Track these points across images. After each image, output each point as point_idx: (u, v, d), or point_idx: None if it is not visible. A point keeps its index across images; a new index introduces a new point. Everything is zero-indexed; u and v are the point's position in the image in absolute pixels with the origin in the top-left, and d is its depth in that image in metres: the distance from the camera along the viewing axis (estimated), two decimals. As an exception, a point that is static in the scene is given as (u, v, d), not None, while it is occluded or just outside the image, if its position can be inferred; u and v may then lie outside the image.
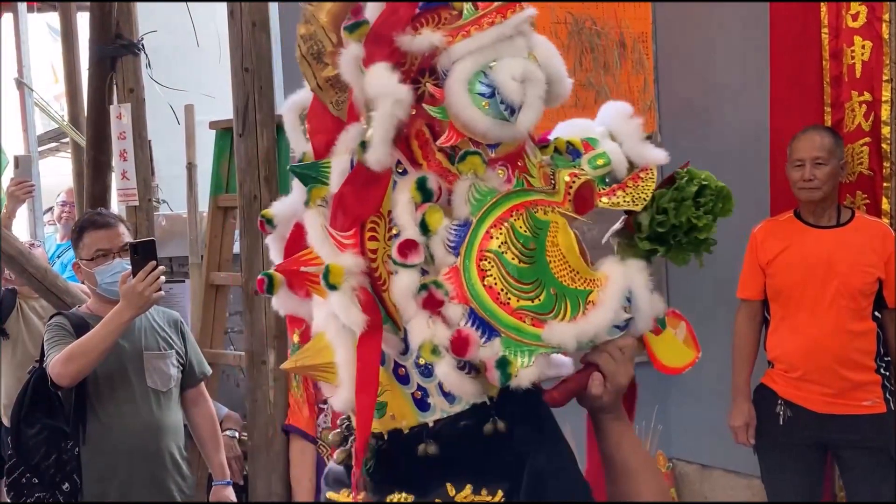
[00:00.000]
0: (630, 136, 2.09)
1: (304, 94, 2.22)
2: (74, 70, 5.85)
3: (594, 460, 2.05)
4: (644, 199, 2.01)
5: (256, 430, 3.43)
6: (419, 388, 1.93)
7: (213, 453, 3.66)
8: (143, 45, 4.62)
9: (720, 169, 3.13)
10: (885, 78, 3.79)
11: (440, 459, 1.92)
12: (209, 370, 3.76)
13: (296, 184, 2.15)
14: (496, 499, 1.89)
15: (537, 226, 1.89)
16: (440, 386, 1.90)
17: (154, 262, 3.21)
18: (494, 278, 1.83)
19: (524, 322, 1.83)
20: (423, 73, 1.84)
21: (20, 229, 6.33)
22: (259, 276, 2.13)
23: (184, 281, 5.06)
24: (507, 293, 1.84)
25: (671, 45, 4.75)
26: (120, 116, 4.58)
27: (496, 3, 1.86)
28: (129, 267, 3.32)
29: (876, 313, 3.58)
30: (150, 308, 3.32)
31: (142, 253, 3.21)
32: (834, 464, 3.74)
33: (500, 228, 1.85)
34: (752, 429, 3.73)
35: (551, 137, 2.15)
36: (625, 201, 2.01)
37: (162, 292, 3.26)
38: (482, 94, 1.81)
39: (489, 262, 1.83)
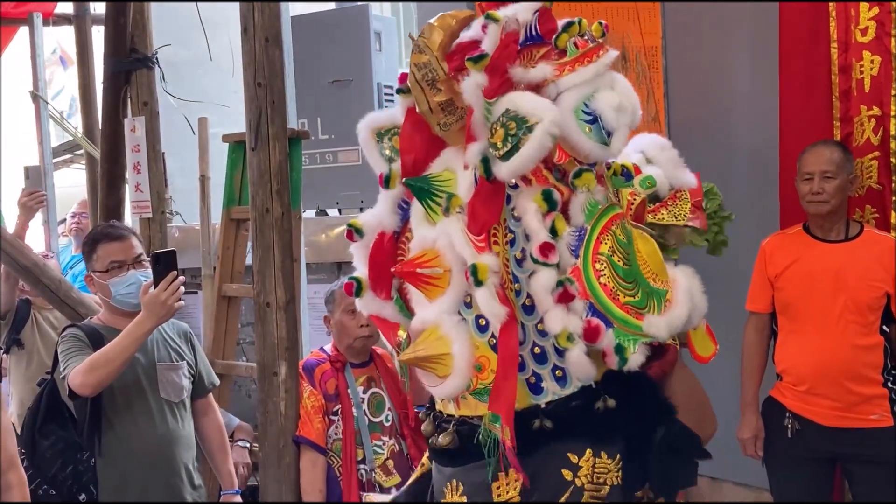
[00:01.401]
0: (668, 163, 2.55)
1: (380, 115, 2.50)
2: (89, 83, 5.92)
3: None
4: (684, 216, 2.47)
5: (267, 442, 3.45)
6: (534, 373, 2.25)
7: (221, 463, 3.69)
8: (157, 59, 4.68)
9: (730, 182, 3.18)
10: (893, 92, 3.78)
11: (553, 434, 2.22)
12: (217, 380, 3.80)
13: (380, 197, 2.43)
14: (614, 462, 2.24)
15: (628, 235, 2.23)
16: (553, 372, 2.24)
17: (175, 273, 3.24)
18: (607, 277, 2.17)
19: (630, 315, 2.16)
20: None
21: (35, 241, 6.39)
22: (347, 280, 2.43)
23: (196, 292, 5.11)
24: (616, 290, 2.17)
25: (681, 60, 4.76)
26: (134, 129, 4.63)
27: (592, 45, 2.23)
28: (143, 279, 3.38)
29: (884, 327, 3.58)
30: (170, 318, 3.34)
31: (163, 263, 3.24)
32: (843, 477, 3.74)
33: (608, 235, 2.19)
34: (760, 441, 3.74)
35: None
36: (668, 218, 2.44)
37: (182, 302, 3.29)
38: (586, 121, 2.16)
39: (602, 264, 2.17)
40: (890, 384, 3.57)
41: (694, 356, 2.44)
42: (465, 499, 2.27)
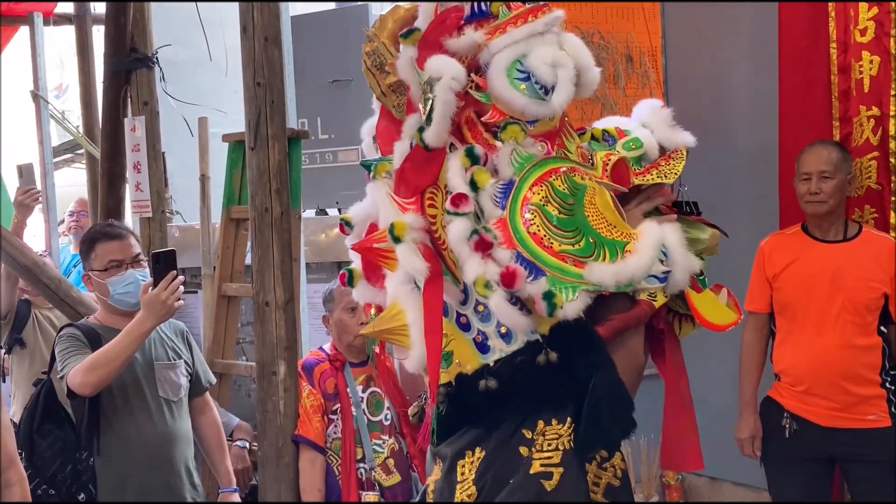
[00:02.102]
0: (660, 123, 2.48)
1: (373, 124, 2.53)
2: (90, 83, 5.92)
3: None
4: (675, 174, 2.38)
5: (266, 441, 3.45)
6: (479, 332, 2.24)
7: (219, 461, 3.70)
8: (157, 59, 4.68)
9: (729, 182, 3.19)
10: (892, 93, 3.79)
11: (503, 393, 2.20)
12: (213, 379, 3.81)
13: (368, 190, 2.47)
14: (565, 426, 2.20)
15: (575, 186, 2.19)
16: (498, 328, 2.21)
17: (175, 272, 3.25)
18: (537, 226, 2.13)
19: (566, 262, 2.12)
20: (469, 74, 2.20)
21: (36, 240, 6.39)
22: (341, 272, 2.45)
23: (196, 292, 5.10)
24: (549, 238, 2.13)
25: (681, 60, 4.76)
26: (134, 129, 4.64)
27: (528, 6, 2.24)
28: (141, 278, 3.39)
29: (882, 328, 3.58)
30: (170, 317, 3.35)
31: (163, 262, 3.25)
32: (842, 477, 3.74)
33: (541, 186, 2.17)
34: (757, 441, 3.74)
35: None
36: (657, 177, 2.35)
37: (182, 301, 3.30)
38: (519, 79, 2.16)
39: (532, 213, 2.14)
40: (888, 385, 3.57)
41: (701, 321, 2.38)
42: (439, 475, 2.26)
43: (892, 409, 3.56)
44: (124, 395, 3.38)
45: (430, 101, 2.14)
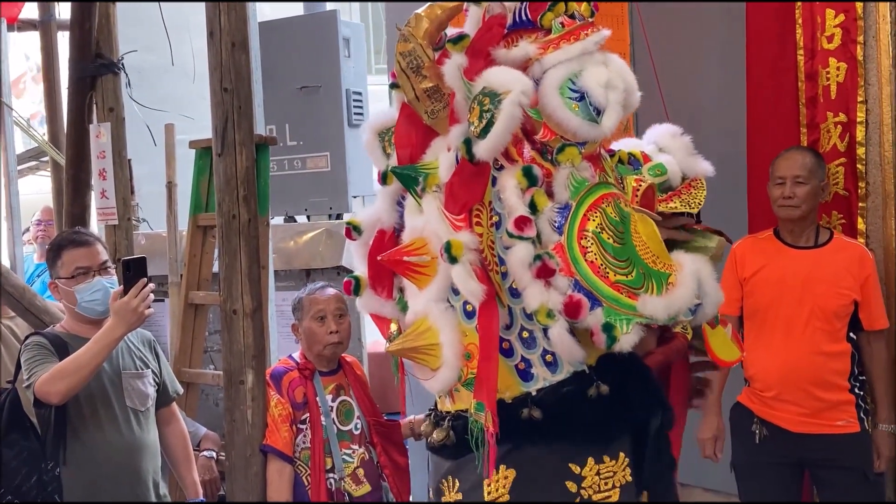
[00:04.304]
0: (681, 151, 2.47)
1: (383, 116, 2.47)
2: (54, 89, 5.85)
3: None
4: (698, 204, 2.40)
5: (234, 451, 3.41)
6: (523, 359, 2.18)
7: (185, 472, 3.67)
8: (122, 65, 4.63)
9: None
10: (859, 99, 3.82)
11: (544, 424, 2.14)
12: (181, 389, 3.78)
13: (379, 194, 2.41)
14: (619, 463, 2.16)
15: (623, 215, 2.15)
16: (543, 357, 2.16)
17: (145, 279, 3.22)
18: (594, 254, 2.08)
19: (621, 294, 2.06)
20: None
21: (-1, 249, 6.31)
22: (346, 279, 2.36)
23: (163, 300, 5.05)
24: (605, 268, 2.08)
25: (649, 67, 4.77)
26: (99, 135, 4.58)
27: (579, 23, 2.21)
28: (109, 286, 3.35)
29: (851, 335, 3.60)
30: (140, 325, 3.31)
31: (133, 270, 3.21)
32: (811, 483, 3.75)
33: (596, 212, 2.11)
34: (720, 442, 3.75)
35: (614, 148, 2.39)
36: (680, 206, 2.35)
37: (152, 310, 3.26)
38: (572, 98, 2.11)
39: (589, 241, 2.09)
40: (856, 390, 3.60)
41: (713, 358, 2.36)
42: (461, 496, 2.20)
43: (861, 415, 3.58)
44: (91, 404, 3.34)
45: (490, 114, 2.06)
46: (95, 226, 4.94)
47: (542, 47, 2.17)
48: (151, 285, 3.24)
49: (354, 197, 5.46)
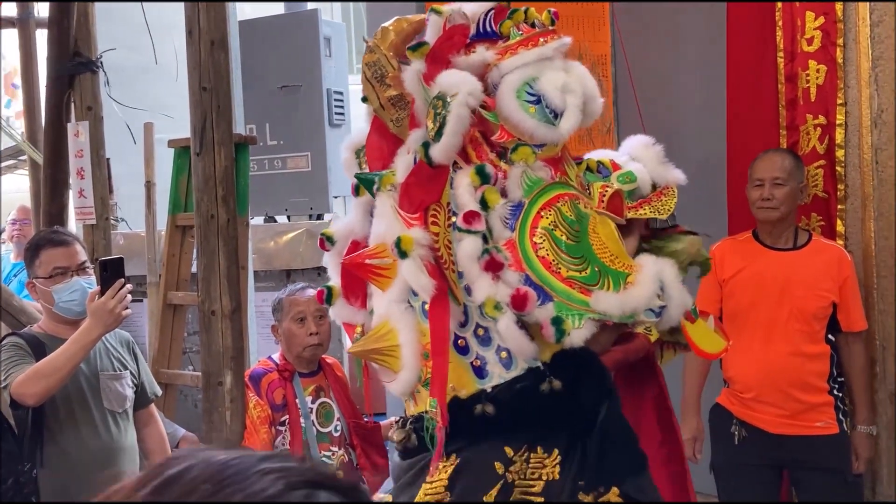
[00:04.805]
0: (652, 160, 2.48)
1: (360, 134, 2.50)
2: (33, 87, 5.80)
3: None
4: (667, 210, 2.40)
5: (212, 452, 3.39)
6: (478, 356, 2.20)
7: None
8: (101, 63, 4.59)
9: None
10: (839, 101, 3.83)
11: (498, 420, 2.16)
12: (159, 390, 3.75)
13: (353, 204, 2.44)
14: (551, 458, 2.17)
15: (580, 214, 2.18)
16: (498, 353, 2.17)
17: (122, 280, 3.19)
18: (546, 250, 2.11)
19: (573, 289, 2.09)
20: None
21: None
22: (319, 288, 2.38)
23: (141, 300, 5.02)
24: (557, 263, 2.10)
25: (630, 67, 4.78)
26: (77, 134, 4.54)
27: (538, 30, 2.24)
28: (87, 286, 3.31)
29: (830, 336, 3.61)
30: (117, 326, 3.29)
31: (111, 270, 3.19)
32: (791, 484, 3.76)
33: (550, 210, 2.14)
34: (699, 443, 3.76)
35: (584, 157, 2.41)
36: (650, 213, 2.36)
37: (129, 311, 3.24)
38: (529, 101, 2.15)
39: (541, 237, 2.12)
40: (835, 392, 3.61)
41: (696, 352, 2.38)
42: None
43: (840, 417, 3.59)
44: (68, 406, 3.31)
45: (443, 116, 2.09)
46: (73, 225, 4.90)
47: (500, 53, 2.20)
48: (129, 286, 3.22)
49: (335, 197, 5.45)
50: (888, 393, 3.79)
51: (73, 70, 4.52)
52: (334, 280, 2.42)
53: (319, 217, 5.40)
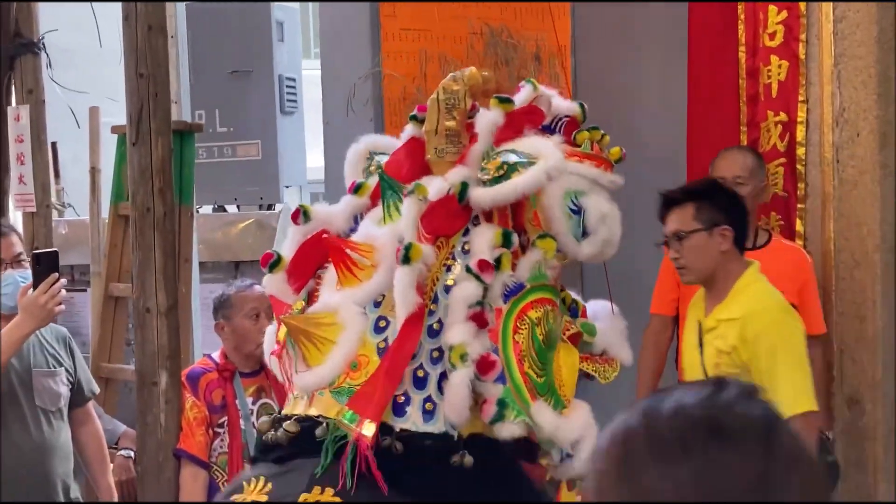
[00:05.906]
0: (611, 332, 2.48)
1: (382, 140, 2.61)
2: (-27, 69, 5.63)
3: None
4: (606, 379, 2.42)
5: (146, 455, 3.28)
6: (405, 394, 2.15)
7: (100, 475, 3.57)
8: (43, 45, 4.45)
9: (637, 186, 3.11)
10: (800, 98, 3.79)
11: (398, 462, 2.07)
12: (97, 388, 3.68)
13: (342, 200, 2.43)
14: None
15: (557, 330, 2.24)
16: (424, 403, 2.14)
17: (56, 274, 3.12)
18: (523, 339, 2.14)
19: (525, 386, 2.12)
20: None
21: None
22: (267, 252, 2.34)
23: (85, 290, 4.89)
24: (524, 356, 2.14)
25: (590, 60, 4.69)
26: (18, 118, 4.41)
27: (605, 157, 2.36)
28: (22, 280, 3.23)
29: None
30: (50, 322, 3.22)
31: (44, 264, 3.12)
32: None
33: (541, 307, 2.20)
34: None
35: None
36: (593, 371, 2.37)
37: (63, 306, 3.17)
38: (571, 209, 2.24)
39: (524, 325, 2.16)
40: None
41: None
42: (265, 498, 2.09)
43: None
44: (-3, 403, 3.23)
45: (512, 170, 2.18)
46: (12, 213, 4.76)
47: (569, 154, 2.28)
48: (63, 281, 3.15)
49: (287, 186, 5.34)
50: (844, 397, 3.73)
51: (14, 51, 4.40)
52: (287, 252, 2.39)
53: (270, 207, 5.27)
